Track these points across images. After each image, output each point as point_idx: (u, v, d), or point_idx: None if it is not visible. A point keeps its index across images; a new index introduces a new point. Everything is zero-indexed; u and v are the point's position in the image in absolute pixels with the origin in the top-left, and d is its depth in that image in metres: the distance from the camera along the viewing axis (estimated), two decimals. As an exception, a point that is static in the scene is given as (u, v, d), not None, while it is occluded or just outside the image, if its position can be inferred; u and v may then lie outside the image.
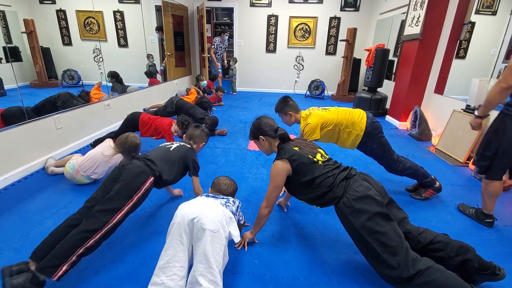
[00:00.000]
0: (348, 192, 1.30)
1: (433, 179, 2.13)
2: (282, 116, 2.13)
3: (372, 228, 1.21)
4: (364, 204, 1.25)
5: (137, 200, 1.42)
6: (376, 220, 1.21)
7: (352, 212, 1.26)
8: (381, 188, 1.35)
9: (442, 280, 1.11)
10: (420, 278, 1.12)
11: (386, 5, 5.42)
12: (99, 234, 1.28)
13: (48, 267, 1.19)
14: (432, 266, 1.15)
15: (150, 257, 1.49)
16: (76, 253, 1.23)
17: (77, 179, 2.18)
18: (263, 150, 1.65)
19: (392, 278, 1.18)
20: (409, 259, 1.16)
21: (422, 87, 4.03)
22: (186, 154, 1.73)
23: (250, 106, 5.46)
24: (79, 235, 1.25)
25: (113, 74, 3.88)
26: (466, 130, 2.98)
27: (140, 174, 1.45)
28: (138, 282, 1.34)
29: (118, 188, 1.37)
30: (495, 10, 3.46)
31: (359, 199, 1.26)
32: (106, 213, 1.30)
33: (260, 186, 2.33)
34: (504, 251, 1.65)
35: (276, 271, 1.44)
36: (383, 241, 1.18)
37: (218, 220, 1.23)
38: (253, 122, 1.66)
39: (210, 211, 1.26)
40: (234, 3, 6.49)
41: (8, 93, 2.59)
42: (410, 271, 1.13)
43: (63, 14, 3.43)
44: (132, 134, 2.15)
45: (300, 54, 6.77)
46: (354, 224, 1.25)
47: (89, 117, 3.18)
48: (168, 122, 2.77)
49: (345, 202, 1.29)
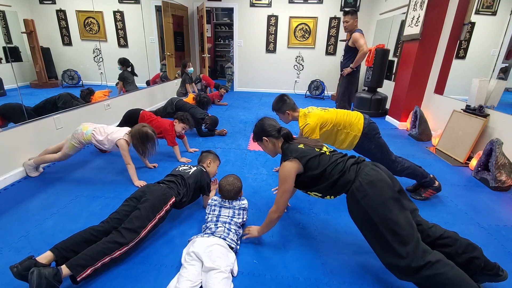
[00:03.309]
0: (360, 176, 1.28)
1: (432, 179, 2.13)
2: (279, 115, 2.14)
3: (384, 215, 1.18)
4: (377, 188, 1.22)
5: (159, 219, 1.55)
6: (389, 206, 1.18)
7: (365, 197, 1.23)
8: (391, 175, 1.32)
9: (450, 275, 1.10)
10: (428, 270, 1.10)
11: (386, 5, 5.43)
12: (124, 248, 1.39)
13: (78, 265, 1.24)
14: (442, 260, 1.13)
15: (150, 257, 1.49)
16: (103, 260, 1.31)
17: (73, 143, 2.23)
18: (268, 151, 1.65)
19: (400, 268, 1.17)
20: (419, 249, 1.13)
21: (422, 87, 4.03)
22: (200, 177, 1.86)
23: (250, 106, 5.46)
24: (109, 244, 1.34)
25: (123, 61, 3.73)
26: (466, 130, 2.98)
27: (163, 195, 1.60)
28: (138, 282, 1.34)
29: (143, 208, 1.49)
30: (495, 10, 3.46)
31: (372, 183, 1.23)
32: (131, 232, 1.42)
33: (260, 186, 2.33)
34: (504, 251, 1.65)
35: (276, 271, 1.44)
36: (394, 229, 1.16)
37: (226, 270, 1.31)
38: (256, 124, 1.65)
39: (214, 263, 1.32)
40: (234, 3, 6.49)
41: (8, 93, 2.59)
42: (419, 261, 1.11)
43: (63, 14, 3.42)
44: (148, 126, 2.24)
45: (300, 54, 6.78)
46: (366, 208, 1.22)
47: (89, 117, 3.18)
48: (169, 123, 2.77)
49: (357, 186, 1.26)
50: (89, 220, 1.76)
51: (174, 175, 1.79)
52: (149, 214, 1.50)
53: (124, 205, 1.56)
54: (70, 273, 1.23)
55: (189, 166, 1.94)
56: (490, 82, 3.05)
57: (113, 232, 1.40)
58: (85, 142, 2.26)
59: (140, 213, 1.47)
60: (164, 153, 2.92)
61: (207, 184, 1.90)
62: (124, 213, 1.50)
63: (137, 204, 1.54)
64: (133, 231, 1.42)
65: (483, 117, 2.84)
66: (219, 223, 1.58)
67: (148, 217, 1.49)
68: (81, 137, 2.24)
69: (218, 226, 1.55)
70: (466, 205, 2.14)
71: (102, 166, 2.60)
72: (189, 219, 1.84)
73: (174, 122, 2.77)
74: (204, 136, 3.55)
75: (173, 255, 1.50)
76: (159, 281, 1.33)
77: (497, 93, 3.02)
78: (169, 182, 1.71)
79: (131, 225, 1.43)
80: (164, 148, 2.95)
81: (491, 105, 2.99)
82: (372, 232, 1.24)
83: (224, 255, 1.37)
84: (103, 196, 2.08)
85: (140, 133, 2.17)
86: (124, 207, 1.54)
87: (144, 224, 1.46)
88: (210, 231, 1.51)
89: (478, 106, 2.94)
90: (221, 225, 1.55)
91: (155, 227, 1.54)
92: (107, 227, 1.44)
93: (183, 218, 1.85)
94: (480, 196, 2.29)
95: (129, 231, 1.41)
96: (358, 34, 3.30)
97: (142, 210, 1.48)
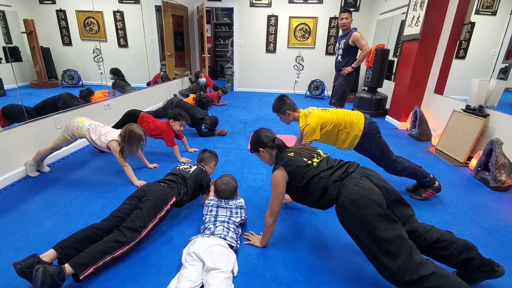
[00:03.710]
0: (342, 194, 1.25)
1: (432, 179, 2.13)
2: (280, 115, 2.13)
3: (370, 232, 1.16)
4: (360, 207, 1.18)
5: (160, 219, 1.57)
6: (375, 224, 1.15)
7: (348, 216, 1.22)
8: (383, 183, 1.27)
9: (446, 286, 1.09)
10: (423, 283, 1.09)
11: (386, 5, 5.43)
12: (126, 247, 1.40)
13: (81, 264, 1.25)
14: (436, 272, 1.10)
15: (150, 257, 1.49)
16: (105, 259, 1.32)
17: (65, 135, 2.23)
18: (265, 161, 1.67)
19: (393, 280, 1.17)
20: (412, 263, 1.10)
21: (422, 87, 4.03)
22: (200, 177, 1.88)
23: (250, 106, 5.46)
24: (111, 243, 1.36)
25: (115, 71, 3.84)
26: (466, 130, 2.98)
27: (164, 195, 1.61)
28: (138, 282, 1.34)
29: (144, 207, 1.50)
30: (495, 10, 3.46)
31: (354, 201, 1.19)
32: (133, 231, 1.43)
33: (260, 186, 2.33)
34: (504, 251, 1.65)
35: (276, 271, 1.44)
36: (382, 245, 1.14)
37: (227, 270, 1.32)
38: (252, 136, 1.66)
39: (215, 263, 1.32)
40: (234, 3, 6.49)
41: (8, 93, 2.59)
42: (412, 275, 1.09)
43: (63, 14, 3.42)
44: (136, 125, 2.20)
45: (300, 54, 6.77)
46: (352, 228, 1.23)
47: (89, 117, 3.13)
48: (166, 124, 2.76)
49: (341, 205, 1.25)
50: (89, 220, 1.76)
51: (175, 174, 1.80)
52: (151, 213, 1.51)
53: (126, 203, 1.57)
54: (73, 271, 1.24)
55: (189, 165, 1.95)
56: (490, 82, 3.05)
57: (115, 231, 1.41)
58: (78, 135, 2.24)
59: (141, 212, 1.48)
60: (164, 153, 2.92)
61: (207, 183, 1.91)
62: (126, 211, 1.52)
63: (138, 203, 1.55)
64: (135, 230, 1.43)
65: (483, 117, 2.84)
66: (218, 222, 1.58)
67: (149, 216, 1.50)
68: (75, 130, 2.22)
69: (217, 225, 1.55)
70: (466, 205, 2.14)
71: (102, 166, 2.60)
72: (189, 219, 1.84)
73: (170, 122, 2.76)
74: (204, 136, 3.55)
75: (173, 255, 1.50)
76: (159, 281, 1.33)
77: (497, 93, 3.02)
78: (170, 182, 1.72)
79: (133, 224, 1.44)
80: (164, 149, 2.95)
81: (491, 105, 2.99)
82: (362, 247, 1.25)
83: (225, 255, 1.37)
84: (103, 196, 2.08)
85: (127, 132, 2.14)
86: (125, 205, 1.55)
87: (145, 223, 1.47)
88: (210, 232, 1.51)
89: (478, 106, 2.94)
90: (220, 225, 1.56)
91: (156, 226, 1.56)
92: (108, 225, 1.45)
93: (183, 218, 1.85)
94: (480, 196, 2.29)
95: (131, 230, 1.42)
96: (359, 34, 3.34)
97: (143, 210, 1.49)
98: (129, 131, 2.14)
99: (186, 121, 2.79)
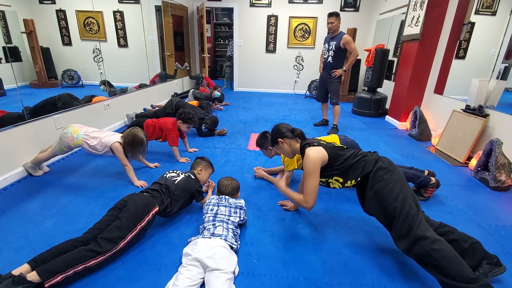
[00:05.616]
0: (381, 159, 1.45)
1: (426, 176, 2.13)
2: (263, 150, 2.16)
3: (401, 191, 1.32)
4: (397, 170, 1.40)
5: (140, 230, 1.51)
6: (406, 186, 1.36)
7: (388, 172, 1.37)
8: None
9: (446, 251, 1.18)
10: (427, 241, 1.20)
11: (386, 5, 5.43)
12: (101, 258, 1.35)
13: (46, 271, 1.21)
14: (443, 240, 1.22)
15: (150, 257, 1.49)
16: (75, 268, 1.27)
17: (62, 147, 2.20)
18: (285, 153, 1.69)
19: (406, 229, 1.26)
20: (423, 223, 1.27)
21: (422, 87, 4.03)
22: (188, 185, 1.82)
23: (250, 106, 5.46)
24: (85, 252, 1.31)
25: (105, 82, 3.84)
26: (466, 130, 2.99)
27: (146, 204, 1.56)
28: (138, 282, 1.34)
29: (123, 218, 1.46)
30: (495, 10, 3.46)
31: (392, 164, 1.43)
32: (110, 242, 1.38)
33: (260, 186, 2.33)
34: (504, 251, 1.65)
35: (276, 271, 1.44)
36: (406, 202, 1.29)
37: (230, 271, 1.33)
38: (272, 129, 1.71)
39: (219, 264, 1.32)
40: (234, 3, 6.49)
41: (7, 93, 2.59)
42: (425, 232, 1.22)
43: (63, 14, 3.42)
44: (140, 130, 2.20)
45: (300, 54, 6.77)
46: (384, 190, 1.35)
47: (89, 117, 3.18)
48: (172, 121, 2.75)
49: (381, 165, 1.40)
50: (89, 220, 1.76)
51: (159, 184, 1.75)
52: (130, 224, 1.46)
53: (107, 215, 1.52)
54: (40, 279, 1.18)
55: (177, 173, 1.89)
56: (490, 82, 3.05)
57: (92, 242, 1.36)
58: (74, 146, 2.19)
59: (120, 223, 1.43)
60: (164, 153, 2.92)
61: (197, 191, 1.85)
62: (106, 223, 1.47)
63: (119, 214, 1.50)
64: (112, 241, 1.38)
65: (483, 117, 2.84)
66: (217, 222, 1.56)
67: (128, 227, 1.45)
68: (70, 142, 2.16)
69: (217, 225, 1.54)
70: (466, 205, 2.14)
71: (102, 166, 2.60)
72: (189, 219, 1.84)
73: (178, 122, 2.74)
74: (204, 136, 3.55)
75: (173, 255, 1.50)
76: (159, 281, 1.33)
77: (497, 93, 3.03)
78: (153, 191, 1.67)
79: (110, 235, 1.39)
80: (164, 148, 2.95)
81: (491, 105, 2.99)
82: (384, 206, 1.36)
83: (227, 256, 1.37)
84: (103, 196, 2.08)
85: (130, 135, 2.13)
86: (106, 217, 1.51)
87: (124, 234, 1.42)
88: (209, 232, 1.50)
89: (478, 106, 2.94)
90: (219, 224, 1.54)
91: (136, 236, 1.51)
92: (88, 238, 1.40)
93: (183, 218, 1.85)
94: (480, 196, 2.29)
95: (108, 241, 1.37)
96: (350, 38, 3.62)
97: (122, 220, 1.44)
98: (133, 134, 2.14)
99: (195, 125, 2.78)
